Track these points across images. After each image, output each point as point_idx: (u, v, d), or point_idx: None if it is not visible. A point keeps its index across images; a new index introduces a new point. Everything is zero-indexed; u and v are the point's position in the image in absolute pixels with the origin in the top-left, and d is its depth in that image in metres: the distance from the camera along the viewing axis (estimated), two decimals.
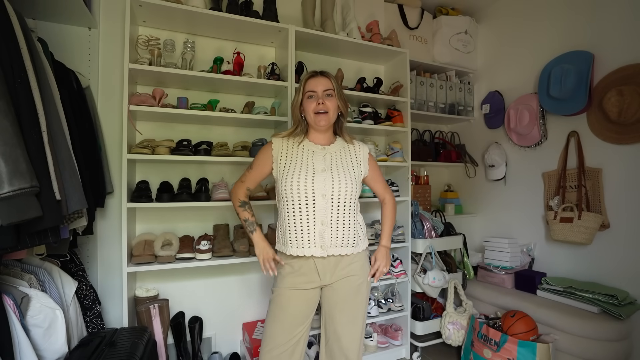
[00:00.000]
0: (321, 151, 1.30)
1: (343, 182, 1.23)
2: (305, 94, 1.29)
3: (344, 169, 1.28)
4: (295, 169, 1.24)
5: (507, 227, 2.48)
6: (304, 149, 1.29)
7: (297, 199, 1.21)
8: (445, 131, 2.87)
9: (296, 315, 1.24)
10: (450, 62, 2.61)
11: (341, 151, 1.33)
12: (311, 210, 1.21)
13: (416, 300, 2.23)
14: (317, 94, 1.27)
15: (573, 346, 1.67)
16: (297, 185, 1.20)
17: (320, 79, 1.29)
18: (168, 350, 1.68)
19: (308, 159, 1.27)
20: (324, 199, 1.21)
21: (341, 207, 1.23)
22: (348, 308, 1.26)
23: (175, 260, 1.66)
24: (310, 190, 1.20)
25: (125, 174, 1.55)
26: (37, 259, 1.31)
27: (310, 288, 1.26)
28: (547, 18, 2.24)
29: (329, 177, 1.23)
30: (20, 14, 1.05)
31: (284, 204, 1.25)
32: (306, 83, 1.30)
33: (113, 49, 1.78)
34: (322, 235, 1.21)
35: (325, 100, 1.26)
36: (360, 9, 2.28)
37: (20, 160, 0.86)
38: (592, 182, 1.95)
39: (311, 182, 1.21)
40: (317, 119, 1.26)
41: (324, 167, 1.25)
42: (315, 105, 1.26)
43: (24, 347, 1.01)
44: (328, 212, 1.21)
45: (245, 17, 1.77)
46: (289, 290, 1.25)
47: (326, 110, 1.25)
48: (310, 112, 1.27)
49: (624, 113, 1.76)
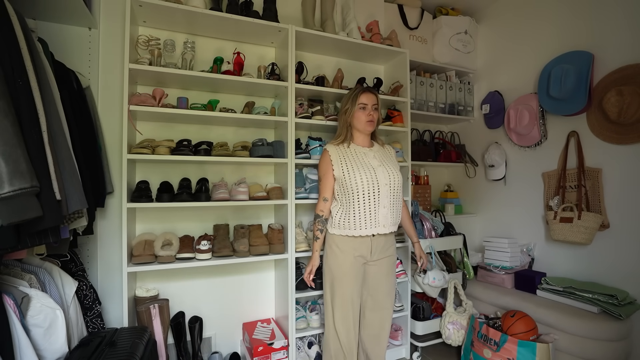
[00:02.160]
0: (370, 152, 1.63)
1: (395, 173, 1.59)
2: (358, 105, 1.60)
3: (391, 164, 1.63)
4: (358, 166, 1.55)
5: (507, 227, 2.48)
6: (356, 151, 1.61)
7: (365, 189, 1.50)
8: (445, 131, 2.87)
9: (359, 280, 1.57)
10: (450, 62, 2.61)
11: (382, 152, 1.67)
12: (377, 197, 1.52)
13: (416, 300, 2.24)
14: (368, 107, 1.60)
15: (573, 346, 1.67)
16: (364, 178, 1.51)
17: (370, 95, 1.62)
18: (168, 350, 1.68)
19: (364, 159, 1.59)
20: (385, 187, 1.53)
21: (396, 193, 1.57)
22: (388, 282, 1.62)
23: (175, 260, 1.66)
24: (375, 181, 1.52)
25: (125, 174, 1.55)
26: (37, 259, 1.31)
27: (361, 264, 1.57)
28: (547, 18, 2.24)
29: (385, 171, 1.56)
30: (20, 14, 1.05)
31: (351, 195, 1.53)
32: (360, 96, 1.61)
33: (113, 49, 1.78)
34: (385, 216, 1.53)
35: (373, 112, 1.61)
36: (360, 9, 2.28)
37: (21, 160, 0.87)
38: (592, 182, 1.95)
39: (374, 175, 1.53)
40: (368, 126, 1.60)
41: (379, 163, 1.59)
42: (367, 115, 1.60)
43: (24, 347, 1.01)
44: (389, 198, 1.54)
45: (245, 17, 1.77)
46: (353, 258, 1.54)
47: (373, 120, 1.61)
48: (362, 120, 1.60)
49: (623, 113, 1.76)
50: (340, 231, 1.56)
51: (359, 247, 1.54)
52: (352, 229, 1.53)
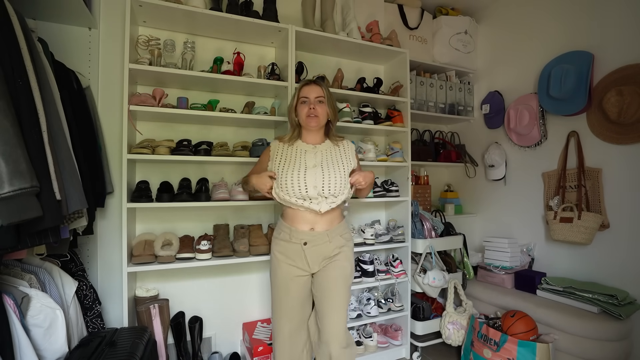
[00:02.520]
0: (312, 150, 1.48)
1: (332, 176, 1.41)
2: (299, 99, 1.47)
3: (333, 164, 1.45)
4: (289, 165, 1.43)
5: (507, 227, 2.48)
6: (297, 149, 1.48)
7: (291, 191, 1.38)
8: (445, 131, 2.87)
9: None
10: (450, 62, 2.61)
11: (331, 149, 1.50)
12: (305, 200, 1.39)
13: (416, 300, 2.23)
14: (310, 100, 1.45)
15: (573, 346, 1.67)
16: (291, 179, 1.38)
17: (313, 87, 1.46)
18: (168, 350, 1.68)
19: (301, 157, 1.45)
20: (314, 190, 1.37)
21: (331, 197, 1.41)
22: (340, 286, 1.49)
23: (175, 260, 1.66)
24: (302, 183, 1.37)
25: (125, 174, 1.55)
26: (37, 259, 1.31)
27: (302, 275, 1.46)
28: (547, 18, 2.24)
29: (320, 172, 1.40)
30: (20, 14, 1.05)
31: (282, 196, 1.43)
32: (301, 90, 1.48)
33: (113, 49, 1.78)
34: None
35: (316, 106, 1.44)
36: (360, 9, 2.28)
37: (21, 160, 0.87)
38: (592, 182, 1.95)
39: (303, 176, 1.39)
40: (308, 120, 1.45)
41: (315, 163, 1.43)
42: (307, 109, 1.44)
43: (24, 347, 1.01)
44: (319, 202, 1.39)
45: (245, 17, 1.77)
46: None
47: (316, 115, 1.44)
48: (302, 115, 1.46)
49: (623, 113, 1.76)
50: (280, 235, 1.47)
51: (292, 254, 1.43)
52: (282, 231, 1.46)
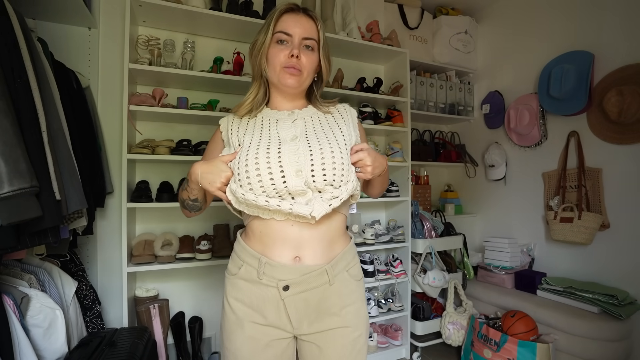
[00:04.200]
0: (288, 117, 0.89)
1: (327, 151, 0.79)
2: (274, 35, 0.85)
3: (325, 134, 0.85)
4: (252, 144, 0.82)
5: (507, 227, 2.48)
6: (263, 120, 0.89)
7: (257, 184, 0.76)
8: (445, 131, 2.87)
9: None
10: (450, 62, 2.61)
11: (318, 116, 0.91)
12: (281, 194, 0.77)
13: (416, 300, 2.23)
14: (293, 40, 0.84)
15: (573, 346, 1.67)
16: (255, 163, 0.76)
17: (300, 19, 0.85)
18: (168, 350, 1.68)
19: (269, 130, 0.86)
20: (299, 178, 0.77)
21: (329, 185, 0.78)
22: None
23: (175, 260, 1.66)
24: (276, 167, 0.76)
25: (125, 174, 1.55)
26: (37, 259, 1.31)
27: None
28: (547, 18, 2.23)
29: (304, 147, 0.80)
30: (20, 14, 1.05)
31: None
32: (279, 20, 0.85)
33: (113, 49, 1.77)
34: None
35: (303, 53, 0.84)
36: (360, 9, 2.28)
37: (20, 160, 0.86)
38: (592, 182, 1.95)
39: (277, 157, 0.78)
40: (284, 75, 0.84)
41: (295, 134, 0.84)
42: (286, 55, 0.83)
43: (24, 347, 1.01)
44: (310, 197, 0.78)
45: (245, 17, 1.77)
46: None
47: (299, 68, 0.84)
48: (276, 63, 0.84)
49: (624, 113, 1.76)
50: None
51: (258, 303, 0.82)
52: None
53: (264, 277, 0.80)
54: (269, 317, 0.81)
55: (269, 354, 0.82)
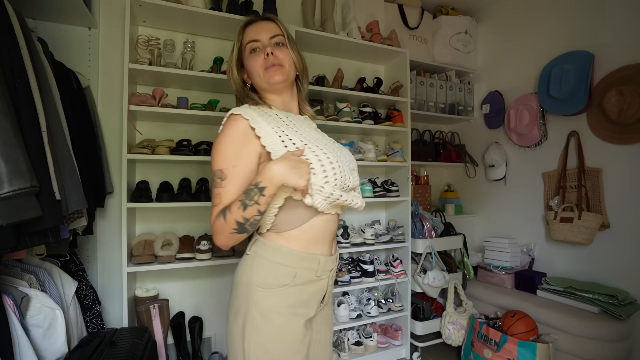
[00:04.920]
0: (305, 120, 0.95)
1: (349, 155, 0.93)
2: (245, 47, 0.90)
3: (334, 143, 0.93)
4: (304, 140, 0.82)
5: (507, 227, 2.48)
6: (288, 117, 0.89)
7: (332, 179, 0.78)
8: (445, 131, 2.87)
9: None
10: (450, 62, 2.61)
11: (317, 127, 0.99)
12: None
13: (416, 300, 2.23)
14: (262, 43, 0.89)
15: (573, 346, 1.67)
16: (328, 158, 0.78)
17: (262, 25, 0.92)
18: (168, 350, 1.68)
19: (301, 127, 0.88)
20: (353, 175, 0.88)
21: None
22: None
23: (175, 260, 1.66)
24: (338, 164, 0.79)
25: (125, 174, 1.55)
26: (37, 259, 1.31)
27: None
28: (547, 18, 2.23)
29: (339, 148, 0.90)
30: (20, 14, 1.05)
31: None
32: (244, 32, 0.92)
33: (113, 49, 1.77)
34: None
35: (275, 50, 0.89)
36: (360, 9, 2.28)
37: (20, 160, 0.86)
38: (592, 182, 1.95)
39: (335, 154, 0.81)
40: (269, 73, 0.88)
41: (327, 138, 0.92)
42: (262, 59, 0.88)
43: (24, 347, 1.01)
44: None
45: (246, 17, 1.77)
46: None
47: (279, 63, 0.88)
48: (257, 69, 0.88)
49: (624, 113, 1.76)
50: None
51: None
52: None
53: (322, 273, 0.86)
54: (310, 310, 0.87)
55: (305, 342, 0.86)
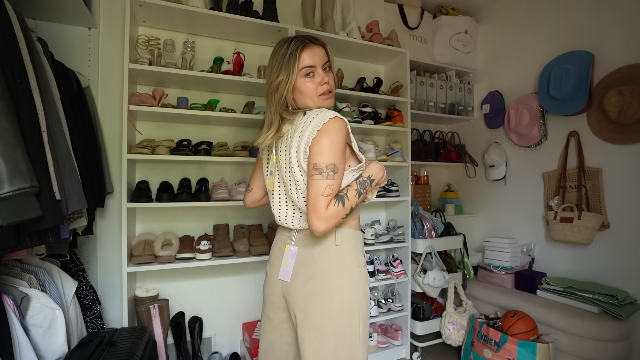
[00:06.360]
0: None
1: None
2: (300, 71, 0.96)
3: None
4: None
5: (507, 227, 2.48)
6: None
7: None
8: (445, 131, 2.87)
9: None
10: (450, 62, 2.61)
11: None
12: None
13: (416, 300, 2.23)
14: (317, 70, 0.98)
15: (573, 346, 1.67)
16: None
17: (317, 50, 0.98)
18: (168, 350, 1.68)
19: None
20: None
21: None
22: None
23: (175, 260, 1.65)
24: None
25: (125, 174, 1.55)
26: (37, 259, 1.31)
27: None
28: (547, 18, 2.23)
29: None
30: (20, 14, 1.05)
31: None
32: (301, 56, 0.96)
33: (113, 49, 1.77)
34: None
35: (327, 76, 1.00)
36: (360, 9, 2.28)
37: (20, 160, 0.86)
38: (592, 182, 1.95)
39: None
40: (324, 101, 0.99)
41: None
42: (317, 84, 0.98)
43: (24, 347, 1.01)
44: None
45: (245, 17, 1.77)
46: None
47: (331, 90, 1.01)
48: (313, 95, 0.98)
49: (624, 113, 1.76)
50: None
51: None
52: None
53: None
54: None
55: None
